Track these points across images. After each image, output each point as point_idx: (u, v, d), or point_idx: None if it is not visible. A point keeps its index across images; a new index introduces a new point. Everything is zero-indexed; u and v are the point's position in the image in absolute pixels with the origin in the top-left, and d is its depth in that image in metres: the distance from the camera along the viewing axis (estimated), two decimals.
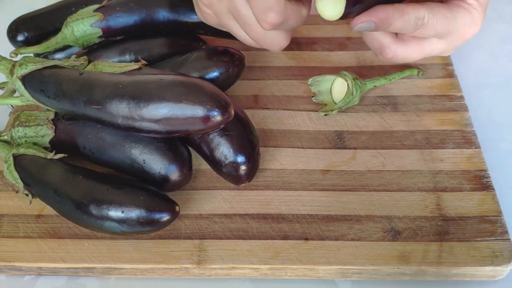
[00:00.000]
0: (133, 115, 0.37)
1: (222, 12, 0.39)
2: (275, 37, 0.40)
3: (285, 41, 0.41)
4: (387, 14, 0.36)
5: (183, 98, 0.36)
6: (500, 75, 0.54)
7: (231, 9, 0.38)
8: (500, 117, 0.50)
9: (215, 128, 0.38)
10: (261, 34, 0.39)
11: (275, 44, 0.40)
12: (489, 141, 0.47)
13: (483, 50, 0.56)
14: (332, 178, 0.44)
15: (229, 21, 0.39)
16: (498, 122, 0.49)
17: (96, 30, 0.47)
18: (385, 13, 0.36)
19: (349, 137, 0.46)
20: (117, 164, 0.42)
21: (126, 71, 0.42)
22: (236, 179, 0.41)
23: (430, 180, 0.43)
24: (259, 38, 0.40)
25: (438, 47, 0.41)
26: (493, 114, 0.50)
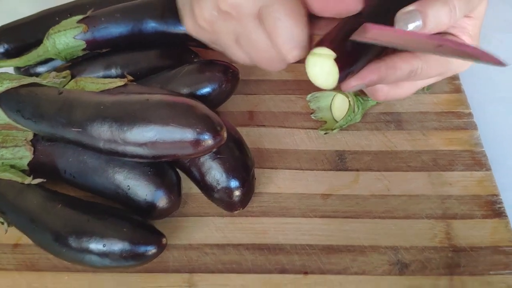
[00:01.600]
0: (116, 139, 0.34)
1: (224, 32, 0.36)
2: (279, 61, 0.37)
3: (284, 64, 0.38)
4: (380, 74, 0.34)
5: (170, 120, 0.33)
6: (509, 89, 0.51)
7: (239, 32, 0.36)
8: (510, 133, 0.47)
9: (206, 152, 0.35)
10: (267, 59, 0.37)
11: (277, 67, 0.38)
12: (499, 160, 0.44)
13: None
14: (333, 203, 0.40)
15: (229, 41, 0.37)
16: (508, 138, 0.46)
17: (80, 43, 0.44)
18: (378, 74, 0.34)
19: (351, 157, 0.43)
20: (100, 190, 0.38)
21: (110, 88, 0.39)
22: (229, 205, 0.38)
23: (439, 206, 0.40)
24: (262, 62, 0.38)
25: (432, 81, 0.39)
26: (502, 130, 0.47)
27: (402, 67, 0.35)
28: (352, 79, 0.34)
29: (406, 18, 0.33)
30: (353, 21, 0.34)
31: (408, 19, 0.33)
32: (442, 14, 0.33)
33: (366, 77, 0.34)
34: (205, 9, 0.35)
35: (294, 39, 0.34)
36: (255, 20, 0.34)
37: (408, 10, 0.34)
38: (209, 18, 0.36)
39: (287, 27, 0.34)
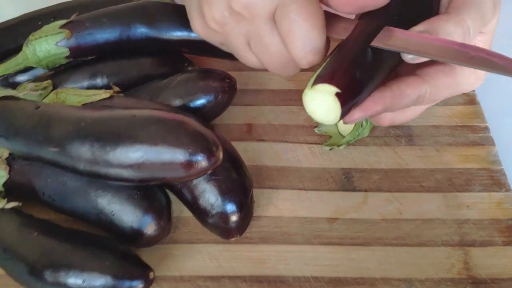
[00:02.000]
0: (97, 160, 0.30)
1: (236, 34, 0.34)
2: (292, 66, 0.35)
3: (297, 69, 0.36)
4: (385, 103, 0.31)
5: (159, 139, 0.29)
6: None
7: (251, 34, 0.34)
8: None
9: (199, 175, 0.31)
10: (279, 64, 0.35)
11: (289, 73, 0.36)
12: None
13: None
14: (340, 228, 0.37)
15: (240, 44, 0.35)
16: None
17: (63, 50, 0.40)
18: (383, 103, 0.31)
19: (359, 176, 0.40)
20: (81, 214, 0.35)
21: (94, 100, 0.36)
22: (225, 232, 0.35)
23: (455, 232, 0.36)
24: (274, 67, 0.35)
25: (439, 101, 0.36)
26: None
27: (409, 94, 0.32)
28: (355, 111, 0.31)
29: None
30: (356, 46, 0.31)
31: None
32: (455, 36, 0.31)
33: (370, 109, 0.31)
34: (216, 9, 0.33)
35: (310, 43, 0.32)
36: (269, 22, 0.32)
37: (416, 31, 0.31)
38: (219, 19, 0.33)
39: (303, 30, 0.31)
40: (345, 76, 0.30)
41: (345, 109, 0.30)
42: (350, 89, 0.30)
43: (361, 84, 0.31)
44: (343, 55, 0.31)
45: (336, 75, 0.30)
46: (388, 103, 0.31)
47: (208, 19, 0.34)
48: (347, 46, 0.32)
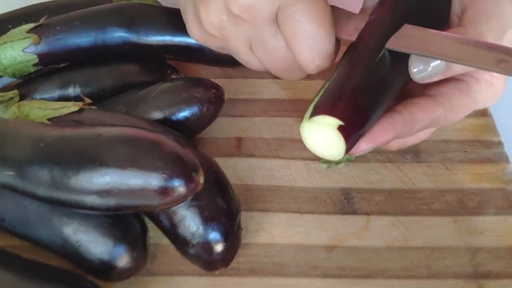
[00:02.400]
0: (58, 186, 0.26)
1: (236, 39, 0.32)
2: (298, 71, 0.32)
3: (304, 73, 0.33)
4: (395, 131, 0.28)
5: (128, 162, 0.25)
6: None
7: (252, 38, 0.31)
8: None
9: (176, 203, 0.27)
10: (284, 68, 0.33)
11: (295, 77, 0.34)
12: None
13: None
14: (339, 257, 0.33)
15: (242, 48, 0.33)
16: None
17: (30, 57, 0.36)
18: (393, 132, 0.27)
19: (360, 197, 0.36)
20: (45, 243, 0.30)
21: (61, 114, 0.32)
22: (208, 264, 0.30)
23: (469, 262, 0.32)
24: (278, 71, 0.33)
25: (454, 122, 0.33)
26: None
27: (422, 119, 0.28)
28: (362, 142, 0.27)
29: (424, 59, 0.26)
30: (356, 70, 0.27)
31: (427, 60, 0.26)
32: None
33: (379, 138, 0.27)
34: (213, 13, 0.30)
35: (317, 46, 0.29)
36: (272, 24, 0.30)
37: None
38: (217, 24, 0.31)
39: (310, 32, 0.29)
40: (348, 105, 0.26)
41: (350, 143, 0.26)
42: (354, 119, 0.26)
43: (368, 111, 0.26)
44: (345, 76, 0.27)
45: (337, 104, 0.26)
46: (399, 131, 0.27)
47: (205, 23, 0.31)
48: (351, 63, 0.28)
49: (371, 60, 0.27)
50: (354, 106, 0.26)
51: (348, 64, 0.28)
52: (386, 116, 0.27)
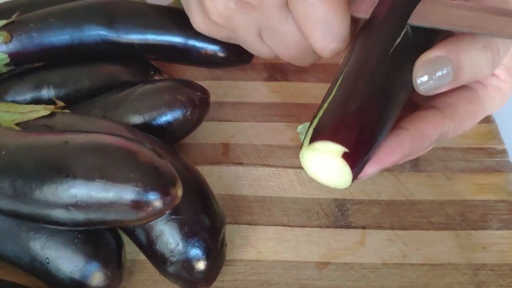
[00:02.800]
0: (21, 199, 0.24)
1: (244, 27, 0.31)
2: (312, 55, 0.31)
3: (318, 57, 0.32)
4: (403, 151, 0.25)
5: (97, 173, 0.23)
6: None
7: (262, 24, 0.30)
8: None
9: (152, 218, 0.24)
10: (296, 53, 0.32)
11: (308, 62, 0.33)
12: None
13: None
14: (331, 275, 0.30)
15: (251, 37, 0.32)
16: None
17: (1, 56, 0.34)
18: (401, 152, 0.25)
19: (355, 209, 0.33)
20: (12, 259, 0.28)
21: (31, 118, 0.29)
22: (189, 283, 0.28)
23: (470, 280, 0.30)
24: (290, 58, 0.32)
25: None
26: None
27: (430, 135, 0.26)
28: (368, 166, 0.25)
29: (429, 68, 0.24)
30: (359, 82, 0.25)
31: (432, 69, 0.24)
32: (482, 62, 0.24)
33: (387, 160, 0.25)
34: (219, 1, 0.30)
35: (332, 30, 0.28)
36: (282, 8, 0.29)
37: (432, 56, 0.24)
38: (225, 12, 0.30)
39: (324, 15, 0.27)
40: (353, 128, 0.23)
41: (357, 171, 0.23)
42: (361, 144, 0.23)
43: (374, 132, 0.24)
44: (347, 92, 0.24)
45: (340, 127, 0.23)
46: (407, 150, 0.25)
47: (211, 13, 0.30)
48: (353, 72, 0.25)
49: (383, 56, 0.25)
50: (360, 129, 0.23)
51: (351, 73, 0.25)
52: (392, 134, 0.25)
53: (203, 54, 0.37)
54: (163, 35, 0.36)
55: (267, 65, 0.43)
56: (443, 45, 0.24)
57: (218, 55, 0.37)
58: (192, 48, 0.36)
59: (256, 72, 0.42)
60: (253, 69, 0.42)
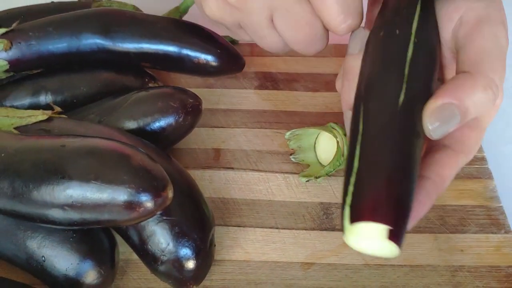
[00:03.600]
0: (19, 199, 0.25)
1: (258, 8, 0.30)
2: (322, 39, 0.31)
3: (326, 42, 0.32)
4: (431, 201, 0.26)
5: (92, 175, 0.24)
6: None
7: (276, 6, 0.30)
8: None
9: (144, 218, 0.26)
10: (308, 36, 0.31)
11: (316, 48, 0.32)
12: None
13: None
14: (316, 275, 0.32)
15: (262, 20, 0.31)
16: None
17: (1, 63, 0.35)
18: (430, 203, 0.25)
19: (339, 212, 0.35)
20: (9, 258, 0.29)
21: (29, 123, 0.30)
22: (179, 282, 0.29)
23: (448, 281, 0.31)
24: (300, 42, 0.31)
25: None
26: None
27: (450, 176, 0.26)
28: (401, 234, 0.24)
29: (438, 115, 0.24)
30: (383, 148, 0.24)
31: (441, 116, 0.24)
32: (485, 101, 0.25)
33: (419, 215, 0.25)
34: None
35: (349, 6, 0.28)
36: None
37: (439, 104, 0.24)
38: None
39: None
40: (391, 203, 0.22)
41: (401, 242, 0.23)
42: (401, 216, 0.22)
43: (408, 198, 0.23)
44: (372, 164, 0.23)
45: (379, 206, 0.22)
46: (434, 198, 0.25)
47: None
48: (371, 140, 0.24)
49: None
50: (396, 202, 0.22)
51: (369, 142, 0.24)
52: (418, 187, 0.25)
53: (196, 63, 0.38)
54: (158, 44, 0.37)
55: (258, 74, 0.44)
56: (447, 92, 0.25)
57: (211, 64, 0.38)
58: (186, 57, 0.38)
59: (248, 80, 0.44)
60: (244, 77, 0.44)
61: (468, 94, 0.25)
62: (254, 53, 0.45)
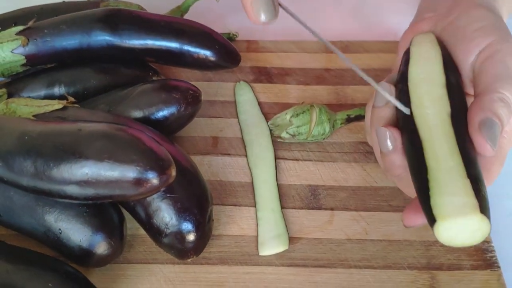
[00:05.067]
0: (41, 176, 0.29)
1: None
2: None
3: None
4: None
5: (106, 155, 0.28)
6: None
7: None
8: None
9: (150, 194, 0.29)
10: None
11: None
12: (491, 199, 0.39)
13: None
14: (303, 248, 0.35)
15: None
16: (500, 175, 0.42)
17: (18, 58, 0.39)
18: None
19: (325, 193, 0.38)
20: (28, 231, 0.33)
21: (46, 111, 0.34)
22: (181, 252, 0.33)
23: (423, 254, 0.35)
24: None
25: None
26: None
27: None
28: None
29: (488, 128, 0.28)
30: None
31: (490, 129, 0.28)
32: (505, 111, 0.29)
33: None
34: None
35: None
36: None
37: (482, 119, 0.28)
38: None
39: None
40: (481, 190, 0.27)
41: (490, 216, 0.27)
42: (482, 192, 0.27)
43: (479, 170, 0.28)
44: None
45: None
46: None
47: None
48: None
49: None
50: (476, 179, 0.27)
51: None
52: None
53: (196, 58, 0.41)
54: (161, 41, 0.40)
55: (253, 69, 0.48)
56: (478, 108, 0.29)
57: (210, 59, 0.42)
58: (187, 52, 0.41)
59: (244, 74, 0.47)
60: (240, 71, 0.47)
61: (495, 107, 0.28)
62: (250, 49, 0.48)
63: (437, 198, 0.27)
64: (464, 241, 0.27)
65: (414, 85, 0.31)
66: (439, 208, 0.26)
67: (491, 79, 0.30)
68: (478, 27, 0.32)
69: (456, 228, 0.26)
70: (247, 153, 0.40)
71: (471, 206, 0.26)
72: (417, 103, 0.30)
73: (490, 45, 0.31)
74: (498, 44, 0.31)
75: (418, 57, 0.32)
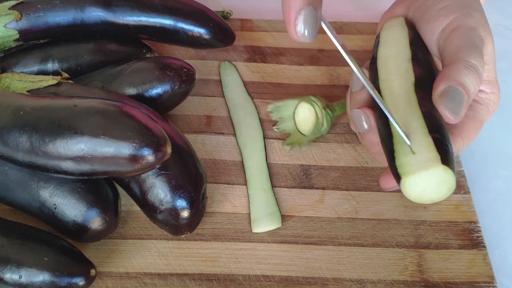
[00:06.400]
0: (36, 151, 0.29)
1: None
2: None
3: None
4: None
5: (101, 131, 0.28)
6: None
7: None
8: (490, 148, 0.43)
9: (145, 170, 0.30)
10: None
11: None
12: (479, 182, 0.40)
13: None
14: (295, 226, 0.36)
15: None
16: (489, 155, 0.43)
17: (12, 32, 0.38)
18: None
19: (317, 173, 0.39)
20: (23, 206, 0.33)
21: (40, 87, 0.34)
22: (175, 229, 0.33)
23: (411, 233, 0.36)
24: None
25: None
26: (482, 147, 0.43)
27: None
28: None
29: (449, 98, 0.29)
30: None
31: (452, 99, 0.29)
32: (472, 79, 0.30)
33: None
34: None
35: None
36: None
37: (444, 89, 0.30)
38: None
39: None
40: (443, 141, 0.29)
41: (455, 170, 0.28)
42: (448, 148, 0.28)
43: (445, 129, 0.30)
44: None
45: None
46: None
47: None
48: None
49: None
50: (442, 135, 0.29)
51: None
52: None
53: (190, 35, 0.41)
54: (155, 18, 0.40)
55: (247, 48, 0.48)
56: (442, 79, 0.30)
57: (204, 37, 0.41)
58: (181, 30, 0.41)
59: (237, 53, 0.47)
60: (234, 50, 0.47)
61: (460, 74, 0.29)
62: (244, 28, 0.48)
63: (401, 158, 0.28)
64: (432, 197, 0.28)
65: (383, 63, 0.33)
66: (403, 167, 0.28)
67: (454, 50, 0.31)
68: (442, 7, 0.33)
69: (421, 184, 0.28)
70: (236, 133, 0.40)
71: (432, 160, 0.27)
72: (384, 78, 0.32)
73: (451, 22, 0.32)
74: (459, 20, 0.32)
75: (386, 39, 0.34)
